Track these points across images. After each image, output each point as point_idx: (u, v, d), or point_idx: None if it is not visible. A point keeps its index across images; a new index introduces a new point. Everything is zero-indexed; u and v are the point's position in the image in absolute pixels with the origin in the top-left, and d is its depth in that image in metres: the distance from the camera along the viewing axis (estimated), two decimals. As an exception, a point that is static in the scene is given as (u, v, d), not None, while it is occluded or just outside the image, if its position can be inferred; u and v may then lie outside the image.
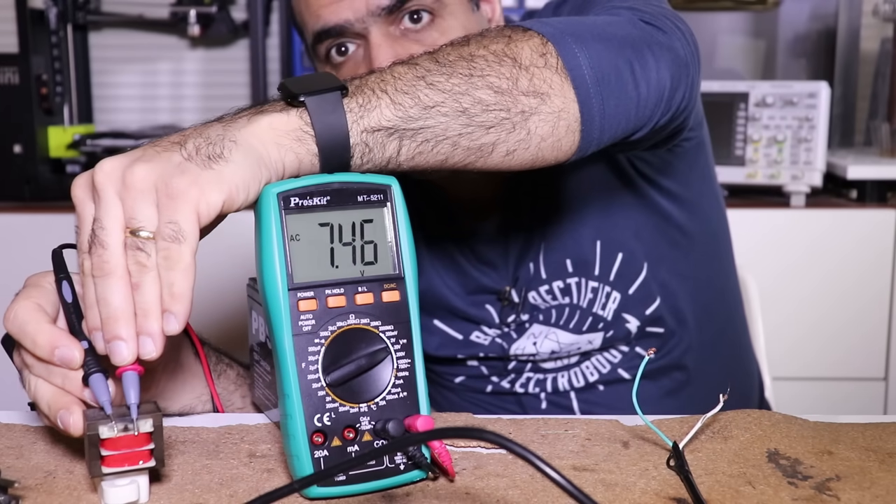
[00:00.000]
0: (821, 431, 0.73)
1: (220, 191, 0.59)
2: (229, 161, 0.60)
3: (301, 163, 0.64)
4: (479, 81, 0.69)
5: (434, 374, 1.12)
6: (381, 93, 0.66)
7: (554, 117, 0.72)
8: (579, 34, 0.75)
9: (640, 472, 0.66)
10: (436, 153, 0.69)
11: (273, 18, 2.34)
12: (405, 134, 0.67)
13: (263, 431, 0.74)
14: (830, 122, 2.01)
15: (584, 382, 1.06)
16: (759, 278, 1.38)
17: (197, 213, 0.58)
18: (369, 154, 0.66)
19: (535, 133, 0.71)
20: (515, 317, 1.05)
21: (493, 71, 0.69)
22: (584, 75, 0.73)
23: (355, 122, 0.65)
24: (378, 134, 0.66)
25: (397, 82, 0.67)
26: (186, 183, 0.58)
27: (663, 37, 0.81)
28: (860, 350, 1.89)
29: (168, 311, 0.58)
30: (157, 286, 0.58)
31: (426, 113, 0.67)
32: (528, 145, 0.72)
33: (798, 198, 1.88)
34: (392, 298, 0.64)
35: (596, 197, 1.02)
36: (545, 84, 0.71)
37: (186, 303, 0.59)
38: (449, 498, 0.62)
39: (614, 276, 1.03)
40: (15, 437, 0.72)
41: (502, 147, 0.71)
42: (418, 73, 0.68)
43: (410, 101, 0.66)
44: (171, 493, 0.62)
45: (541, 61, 0.72)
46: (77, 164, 2.02)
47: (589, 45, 0.75)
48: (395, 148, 0.67)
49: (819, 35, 2.29)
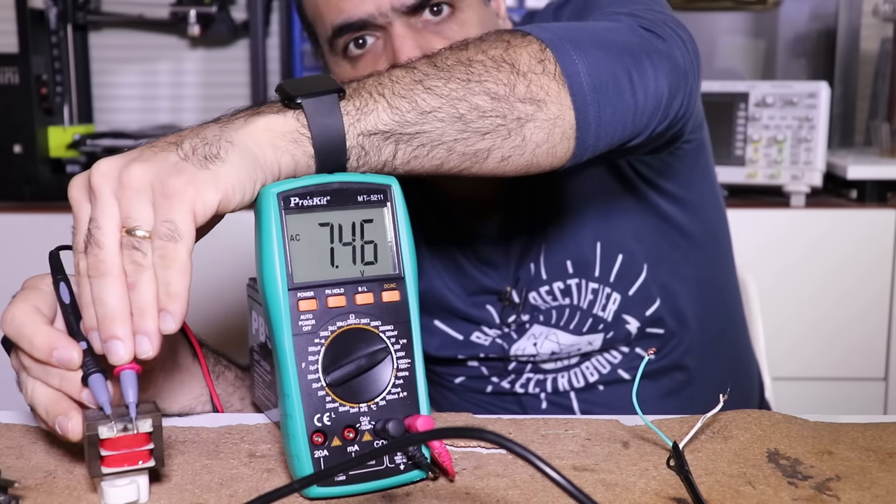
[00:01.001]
0: (821, 431, 0.73)
1: (216, 190, 0.59)
2: (226, 161, 0.60)
3: (297, 164, 0.64)
4: (477, 87, 0.69)
5: (434, 375, 1.12)
6: (378, 96, 0.66)
7: (549, 124, 0.72)
8: (578, 41, 0.75)
9: (640, 472, 0.66)
10: (431, 158, 0.69)
11: (273, 18, 2.34)
12: (401, 138, 0.67)
13: (263, 431, 0.74)
14: (830, 122, 2.01)
15: (584, 382, 1.06)
16: (759, 278, 1.38)
17: (193, 212, 0.58)
18: (365, 157, 0.66)
19: (531, 140, 0.71)
20: (516, 317, 1.05)
21: (491, 77, 0.69)
22: (581, 82, 0.73)
23: (352, 125, 0.65)
24: (374, 137, 0.66)
25: (395, 86, 0.67)
26: (183, 182, 0.58)
27: (662, 44, 0.81)
28: (860, 350, 1.89)
29: (164, 310, 0.58)
30: (153, 285, 0.58)
31: (423, 118, 0.67)
32: (522, 151, 0.72)
33: (798, 198, 1.88)
34: (392, 298, 0.64)
35: (596, 199, 1.02)
36: (542, 91, 0.71)
37: (183, 302, 0.59)
38: (449, 498, 0.62)
39: (614, 278, 1.03)
40: (15, 437, 0.72)
41: (497, 153, 0.71)
42: (416, 77, 0.68)
43: (408, 106, 0.67)
44: (171, 493, 0.62)
45: (539, 67, 0.72)
46: (77, 164, 2.02)
47: (587, 51, 0.75)
48: (391, 152, 0.67)
49: (819, 35, 2.29)
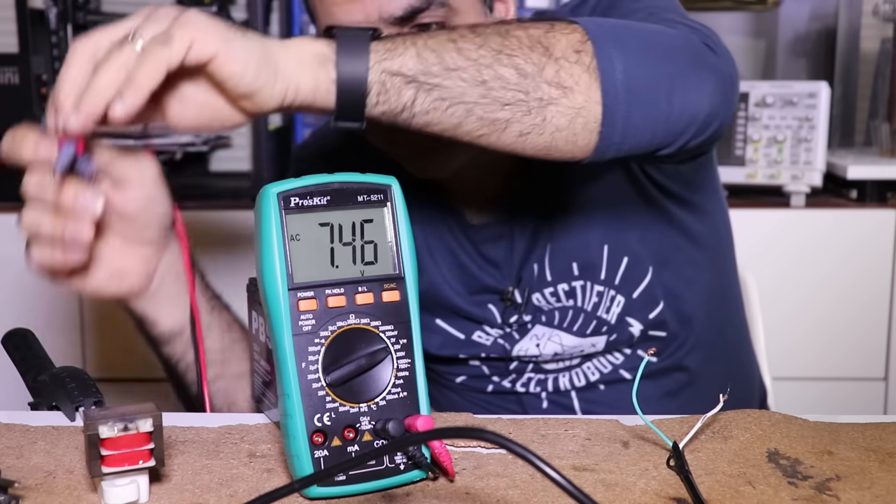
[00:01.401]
0: (821, 431, 0.73)
1: (220, 43, 0.64)
2: (248, 41, 0.66)
3: (317, 87, 0.68)
4: (506, 59, 0.71)
5: (435, 374, 1.12)
6: (410, 45, 0.71)
7: (573, 112, 0.73)
8: (623, 39, 0.76)
9: (640, 472, 0.66)
10: (450, 114, 0.71)
11: (273, 18, 2.34)
12: (422, 86, 0.70)
13: (263, 431, 0.74)
14: (830, 122, 2.01)
15: (586, 382, 1.06)
16: (759, 278, 1.38)
17: (191, 41, 0.63)
18: (385, 95, 0.69)
19: (551, 122, 0.73)
20: (518, 317, 1.04)
21: (523, 53, 0.72)
22: (615, 80, 0.74)
23: (378, 62, 0.68)
24: (397, 78, 0.69)
25: (429, 40, 0.70)
26: (198, 20, 0.64)
27: (717, 60, 0.82)
28: (860, 350, 1.89)
29: (119, 96, 0.63)
30: (114, 74, 0.63)
31: (447, 73, 0.70)
32: (542, 131, 0.73)
33: (798, 198, 1.88)
34: (392, 298, 0.64)
35: (605, 201, 1.02)
36: (571, 79, 0.73)
37: (139, 94, 0.63)
38: (449, 498, 0.62)
39: (619, 280, 1.02)
40: (15, 437, 0.72)
41: (516, 127, 0.73)
42: (451, 37, 0.71)
43: (434, 59, 0.70)
44: (171, 493, 0.62)
45: (573, 56, 0.73)
46: (77, 164, 2.01)
47: (630, 51, 0.76)
48: (411, 97, 0.70)
49: (819, 35, 2.29)
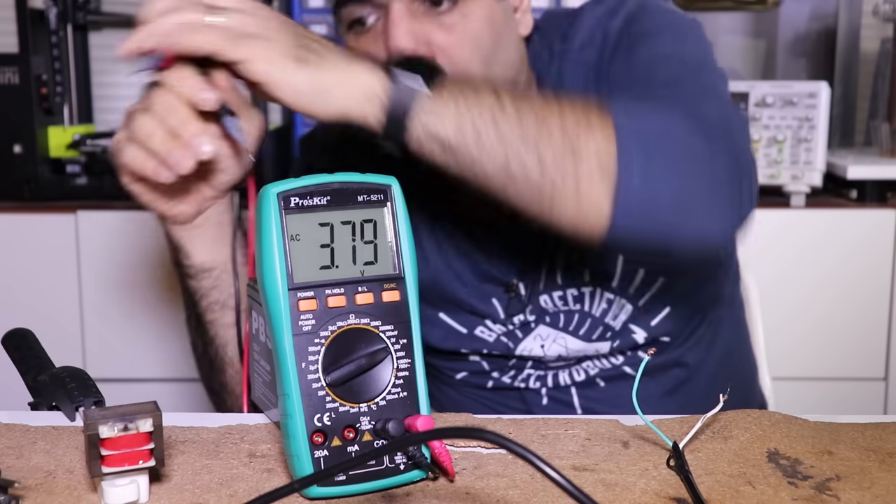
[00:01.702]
0: (821, 431, 0.73)
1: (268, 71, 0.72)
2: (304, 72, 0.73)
3: (364, 119, 0.76)
4: (533, 147, 0.77)
5: (435, 370, 1.11)
6: (452, 105, 0.77)
7: (578, 207, 0.79)
8: (651, 154, 0.79)
9: (640, 472, 0.66)
10: (473, 179, 0.79)
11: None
12: (455, 155, 0.78)
13: (263, 431, 0.74)
14: (830, 122, 2.01)
15: (585, 377, 1.06)
16: (759, 278, 1.38)
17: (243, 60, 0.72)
18: (421, 147, 0.78)
19: (556, 208, 0.79)
20: (522, 316, 1.04)
21: (551, 147, 0.77)
22: (629, 196, 0.78)
23: (420, 114, 0.76)
24: (434, 142, 0.77)
25: (472, 105, 0.77)
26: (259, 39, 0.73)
27: (743, 182, 0.83)
28: (860, 350, 1.89)
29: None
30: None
31: (479, 152, 0.77)
32: (548, 208, 0.80)
33: (798, 198, 1.88)
34: (392, 298, 0.64)
35: None
36: (586, 182, 0.78)
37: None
38: (449, 498, 0.62)
39: (633, 290, 1.02)
40: (15, 437, 0.72)
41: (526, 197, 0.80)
42: (492, 108, 0.77)
43: (471, 133, 0.77)
44: (171, 493, 0.62)
45: (594, 160, 0.78)
46: (77, 164, 2.01)
47: (656, 168, 0.78)
48: (443, 160, 0.78)
49: (819, 35, 2.29)
